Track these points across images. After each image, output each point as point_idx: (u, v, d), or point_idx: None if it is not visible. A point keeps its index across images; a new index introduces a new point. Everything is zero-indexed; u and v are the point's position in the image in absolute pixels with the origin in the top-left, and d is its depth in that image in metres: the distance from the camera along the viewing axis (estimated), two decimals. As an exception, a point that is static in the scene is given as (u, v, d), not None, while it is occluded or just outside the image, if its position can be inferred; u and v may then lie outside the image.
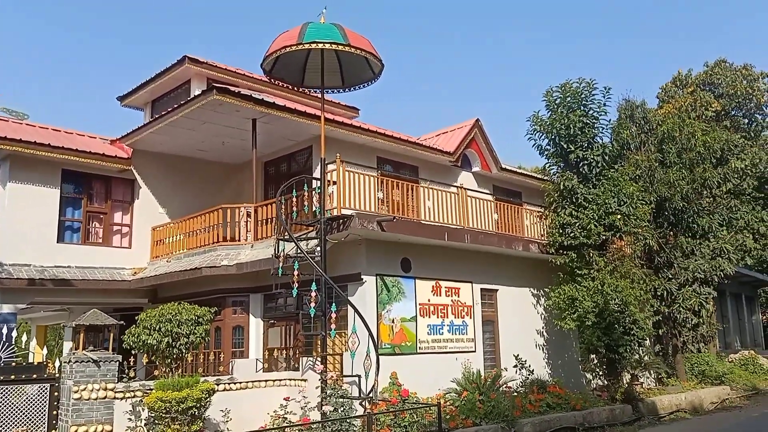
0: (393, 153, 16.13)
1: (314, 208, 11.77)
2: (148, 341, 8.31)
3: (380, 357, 11.41)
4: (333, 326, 10.09)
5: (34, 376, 9.11)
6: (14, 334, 11.50)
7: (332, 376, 9.80)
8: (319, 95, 12.99)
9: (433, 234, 12.59)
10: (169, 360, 8.47)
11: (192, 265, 13.90)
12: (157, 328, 8.44)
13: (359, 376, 10.48)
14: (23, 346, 11.04)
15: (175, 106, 14.14)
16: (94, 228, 15.74)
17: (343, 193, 11.37)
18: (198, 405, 8.17)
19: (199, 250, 14.61)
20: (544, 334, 15.85)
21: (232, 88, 13.56)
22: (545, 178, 17.59)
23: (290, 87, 12.44)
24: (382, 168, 15.43)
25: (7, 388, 8.81)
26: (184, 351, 8.36)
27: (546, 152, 15.41)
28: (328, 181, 11.53)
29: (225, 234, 14.34)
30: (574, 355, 16.52)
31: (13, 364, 9.03)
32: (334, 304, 10.20)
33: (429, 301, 13.14)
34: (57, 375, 9.11)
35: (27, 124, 15.29)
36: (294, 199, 11.78)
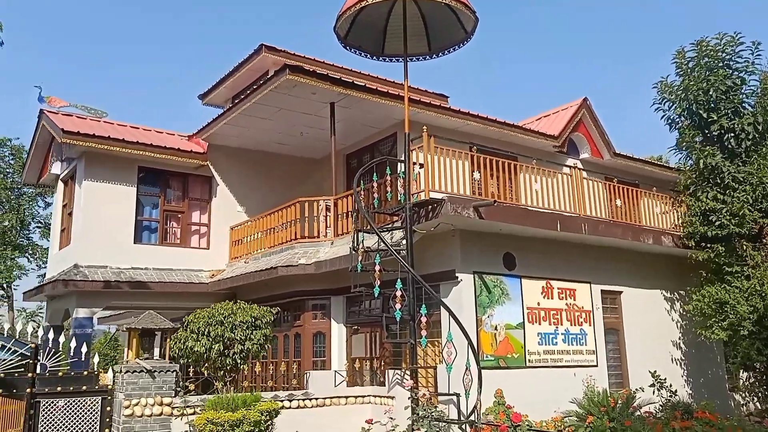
0: (488, 139, 14.04)
1: (399, 196, 10.00)
2: (196, 348, 6.84)
3: (483, 371, 9.40)
4: (424, 333, 8.24)
5: (84, 388, 7.94)
6: (92, 340, 10.70)
7: (424, 394, 7.95)
8: (402, 77, 11.28)
9: (543, 223, 10.42)
10: (222, 372, 6.98)
11: (268, 265, 12.57)
12: (206, 333, 6.94)
13: (457, 395, 8.53)
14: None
15: (248, 92, 12.94)
16: (172, 228, 14.90)
17: (431, 175, 9.51)
18: (257, 429, 6.58)
19: (276, 249, 13.29)
20: (681, 345, 13.08)
21: (307, 67, 12.13)
22: (674, 165, 14.62)
23: (370, 56, 10.77)
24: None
25: (52, 402, 7.68)
26: (239, 361, 6.83)
27: (678, 125, 12.72)
28: (414, 162, 9.71)
29: (303, 230, 12.92)
30: (719, 371, 13.57)
31: (60, 373, 7.91)
32: (424, 306, 8.35)
33: (538, 304, 10.95)
34: (110, 387, 7.90)
35: (105, 122, 14.75)
36: (375, 185, 10.08)
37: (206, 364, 6.90)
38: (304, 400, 8.69)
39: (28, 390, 7.57)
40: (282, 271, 12.07)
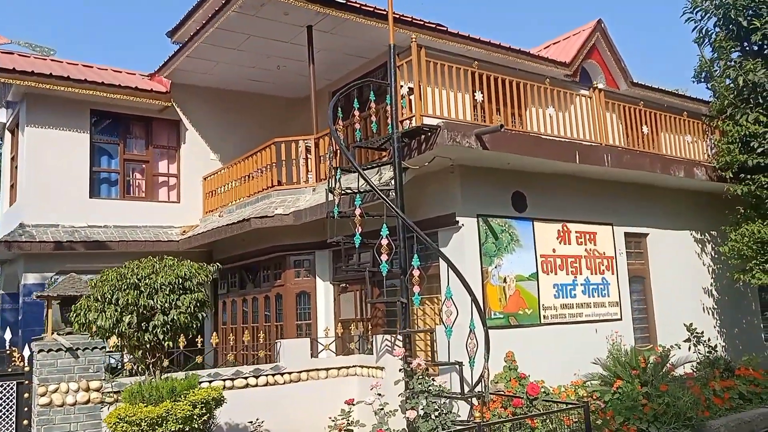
0: (492, 68, 12.16)
1: (388, 127, 8.27)
2: (99, 321, 5.12)
3: (490, 332, 7.90)
4: (417, 289, 6.68)
5: (-6, 370, 6.40)
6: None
7: (420, 364, 6.44)
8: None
9: (559, 154, 8.72)
10: (141, 352, 5.37)
11: (240, 217, 10.95)
12: (113, 300, 5.22)
13: (460, 364, 7.01)
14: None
15: (210, 16, 11.03)
16: (135, 179, 13.21)
17: (424, 97, 7.76)
18: (188, 427, 4.97)
19: (251, 199, 11.65)
20: (713, 293, 11.57)
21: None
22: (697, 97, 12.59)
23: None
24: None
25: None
26: (161, 336, 5.20)
27: (713, 37, 10.85)
28: (402, 84, 7.94)
29: (281, 176, 11.25)
30: (755, 320, 12.11)
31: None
32: (416, 256, 6.75)
33: (554, 251, 9.37)
34: (27, 369, 6.36)
35: (51, 60, 12.87)
36: (357, 115, 8.35)
37: (121, 340, 5.29)
38: (274, 375, 7.18)
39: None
40: (255, 223, 10.44)
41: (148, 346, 5.47)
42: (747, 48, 10.62)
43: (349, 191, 7.57)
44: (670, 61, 41.38)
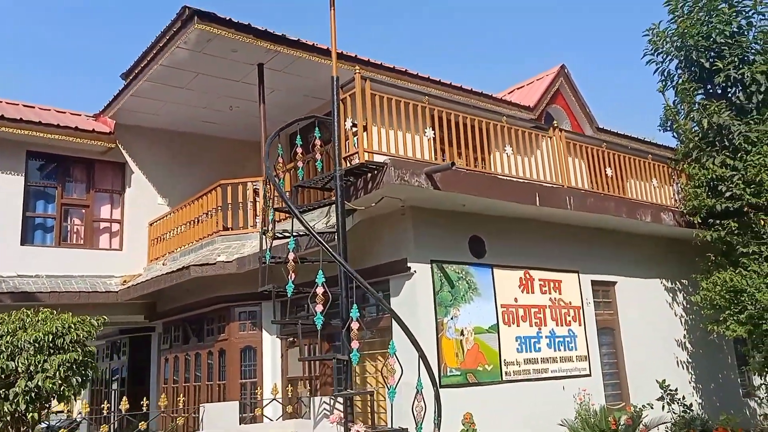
0: (451, 106, 11.76)
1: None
2: None
3: (445, 391, 7.11)
4: (356, 345, 5.89)
5: None
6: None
7: (358, 431, 5.59)
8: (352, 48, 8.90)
9: (517, 195, 8.15)
10: (1, 423, 4.41)
11: (181, 265, 10.10)
12: None
13: (404, 430, 6.15)
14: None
15: (155, 52, 10.48)
16: (73, 225, 12.31)
17: (369, 132, 7.17)
18: None
19: (195, 245, 10.84)
20: (687, 345, 10.92)
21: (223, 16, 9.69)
22: (663, 142, 12.22)
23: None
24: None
25: None
26: (22, 407, 4.28)
27: (675, 79, 10.60)
28: (347, 118, 7.36)
29: (226, 221, 10.51)
30: (731, 374, 11.46)
31: None
32: (355, 308, 5.99)
33: (516, 300, 8.68)
34: None
35: (-13, 99, 12.13)
36: (299, 152, 7.72)
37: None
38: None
39: None
40: (195, 271, 9.61)
41: (8, 418, 4.53)
42: (710, 90, 10.37)
43: (282, 235, 6.84)
44: (640, 113, 42.06)
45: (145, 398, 10.46)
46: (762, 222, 9.42)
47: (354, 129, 7.08)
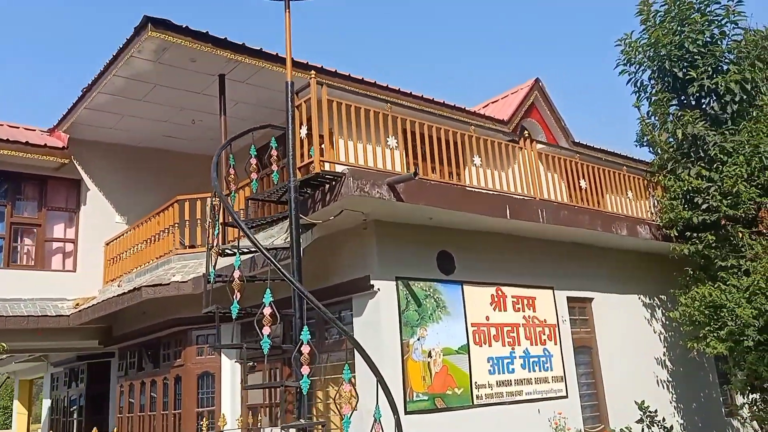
0: (418, 117, 11.38)
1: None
2: None
3: (410, 417, 6.60)
4: (306, 370, 5.36)
5: None
6: None
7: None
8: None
9: (487, 208, 7.73)
10: None
11: (133, 287, 9.49)
12: None
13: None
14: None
15: (109, 63, 9.96)
16: (23, 245, 11.62)
17: (327, 139, 6.72)
18: None
19: (151, 265, 10.25)
20: (667, 363, 10.53)
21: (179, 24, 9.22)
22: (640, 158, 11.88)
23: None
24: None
25: None
26: None
27: (647, 89, 10.36)
28: (302, 125, 6.89)
29: (184, 238, 9.94)
30: (713, 393, 11.08)
31: None
32: (305, 330, 5.47)
33: (488, 319, 8.21)
34: None
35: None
36: (254, 162, 7.24)
37: None
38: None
39: None
40: (147, 293, 9.00)
41: None
42: (684, 101, 10.14)
43: (231, 251, 6.33)
44: (618, 130, 42.34)
45: (94, 430, 9.84)
46: (740, 234, 9.12)
47: (309, 138, 6.63)
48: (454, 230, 8.12)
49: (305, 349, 5.39)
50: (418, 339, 7.42)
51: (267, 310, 5.56)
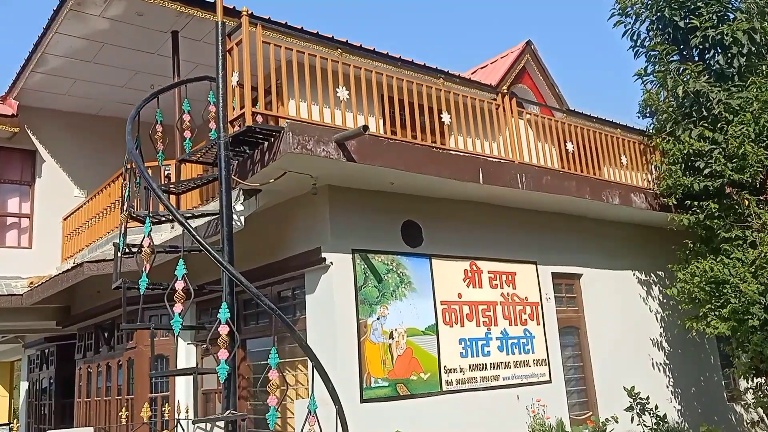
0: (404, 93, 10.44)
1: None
2: None
3: (367, 406, 5.84)
4: (224, 355, 4.55)
5: None
6: None
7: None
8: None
9: (455, 171, 6.83)
10: None
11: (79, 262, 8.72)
12: None
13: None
14: None
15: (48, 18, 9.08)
16: (-27, 221, 10.87)
17: (261, 88, 5.85)
18: None
19: (103, 240, 9.47)
20: (664, 345, 9.67)
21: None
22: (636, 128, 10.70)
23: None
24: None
25: None
26: None
27: (645, 42, 9.35)
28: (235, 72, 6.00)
29: (134, 209, 9.09)
30: (714, 376, 10.23)
31: None
32: (224, 307, 4.66)
33: (460, 296, 7.37)
34: None
35: None
36: (186, 119, 6.38)
37: None
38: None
39: None
40: (90, 269, 8.24)
41: None
42: (686, 54, 9.14)
43: (141, 216, 5.50)
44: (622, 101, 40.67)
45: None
46: (746, 202, 8.18)
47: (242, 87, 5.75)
48: (421, 198, 7.24)
49: (223, 329, 4.57)
50: (378, 318, 6.60)
51: (179, 285, 4.74)
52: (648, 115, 10.02)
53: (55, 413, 12.58)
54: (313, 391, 4.77)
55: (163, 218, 5.76)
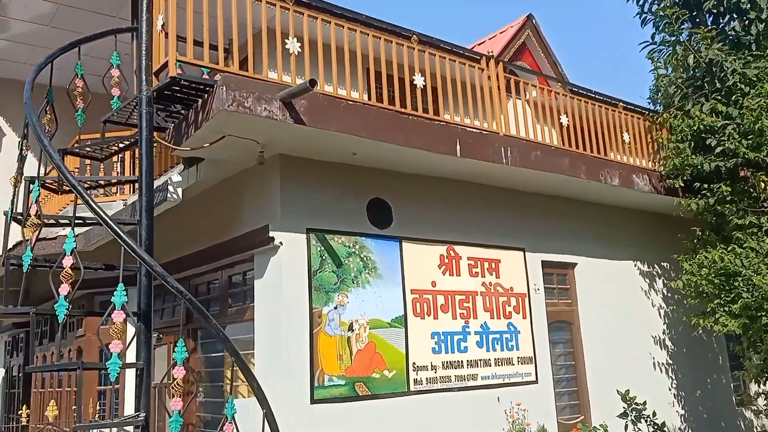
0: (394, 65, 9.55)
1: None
2: None
3: (319, 407, 5.06)
4: (117, 348, 3.78)
5: None
6: None
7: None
8: None
9: (429, 141, 5.96)
10: None
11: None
12: None
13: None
14: None
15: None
16: (-76, 197, 10.14)
17: (190, 31, 5.04)
18: None
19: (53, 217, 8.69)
20: (667, 343, 8.77)
21: None
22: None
23: None
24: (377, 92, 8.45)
25: None
26: None
27: (653, 7, 8.42)
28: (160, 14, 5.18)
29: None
30: (723, 378, 9.33)
31: None
32: (119, 292, 3.91)
33: (434, 285, 6.53)
34: None
35: None
36: (116, 74, 5.58)
37: None
38: None
39: None
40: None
41: None
42: (698, 20, 8.20)
43: (28, 179, 4.73)
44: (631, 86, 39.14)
45: (25, 407, 8.75)
46: (762, 185, 7.26)
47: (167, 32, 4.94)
48: (391, 173, 6.40)
49: (118, 316, 3.79)
50: (336, 308, 5.78)
51: (67, 261, 3.96)
52: (660, 100, 9.12)
53: (21, 403, 11.96)
54: (232, 392, 3.96)
55: (66, 187, 4.94)
